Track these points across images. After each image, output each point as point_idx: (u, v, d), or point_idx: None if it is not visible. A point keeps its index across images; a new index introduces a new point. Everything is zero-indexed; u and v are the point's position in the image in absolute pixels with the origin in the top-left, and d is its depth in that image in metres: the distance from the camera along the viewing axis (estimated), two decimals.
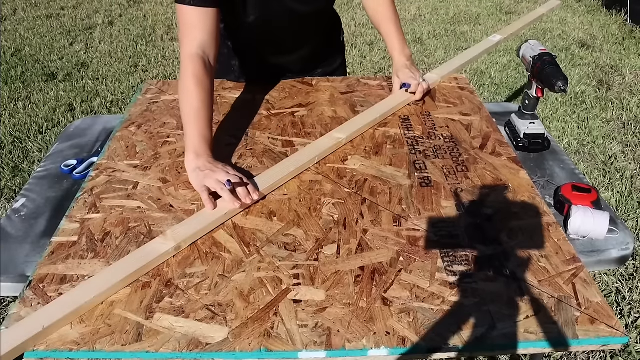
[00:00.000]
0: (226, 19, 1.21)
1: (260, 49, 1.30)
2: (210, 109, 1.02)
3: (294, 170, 1.00)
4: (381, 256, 0.82)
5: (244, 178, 0.93)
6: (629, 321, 1.61)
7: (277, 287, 0.77)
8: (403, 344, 0.69)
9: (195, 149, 0.96)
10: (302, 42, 1.31)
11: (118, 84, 3.14)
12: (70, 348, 0.68)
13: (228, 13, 1.14)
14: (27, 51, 3.60)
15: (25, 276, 0.85)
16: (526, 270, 0.80)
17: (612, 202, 2.10)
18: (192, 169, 0.95)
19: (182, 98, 1.01)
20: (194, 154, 0.96)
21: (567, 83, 1.04)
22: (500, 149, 1.09)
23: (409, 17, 4.24)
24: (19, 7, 4.49)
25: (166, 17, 4.27)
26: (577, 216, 0.91)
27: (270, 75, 1.36)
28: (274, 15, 1.17)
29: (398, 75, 1.26)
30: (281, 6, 1.16)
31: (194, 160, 0.95)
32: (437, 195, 0.96)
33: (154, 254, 0.81)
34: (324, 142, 1.08)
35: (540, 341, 0.69)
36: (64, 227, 0.89)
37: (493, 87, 3.06)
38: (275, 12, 1.16)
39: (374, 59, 3.47)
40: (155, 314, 0.73)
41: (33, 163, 2.37)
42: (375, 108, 1.21)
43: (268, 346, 0.68)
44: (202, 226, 0.86)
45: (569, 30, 3.89)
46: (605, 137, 2.55)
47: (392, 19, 1.28)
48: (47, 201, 1.03)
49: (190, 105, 0.99)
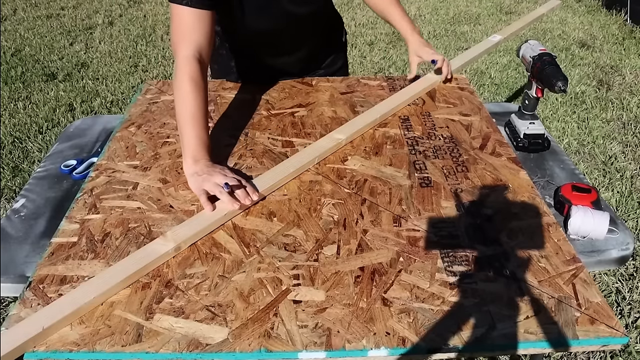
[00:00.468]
0: (223, 22, 1.21)
1: (257, 51, 1.30)
2: (206, 112, 1.01)
3: (294, 171, 1.00)
4: (381, 256, 0.82)
5: (242, 180, 0.93)
6: (629, 321, 1.61)
7: (277, 288, 0.77)
8: (403, 344, 0.69)
9: (193, 153, 0.96)
10: (300, 43, 1.30)
11: (118, 84, 3.14)
12: (70, 349, 0.68)
13: (225, 15, 1.14)
14: (27, 51, 3.60)
15: (25, 277, 0.85)
16: (526, 271, 0.80)
17: (612, 202, 2.10)
18: (191, 173, 0.95)
19: (178, 101, 1.00)
20: (192, 158, 0.95)
21: (567, 83, 1.04)
22: (500, 149, 1.09)
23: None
24: (19, 7, 4.49)
25: (166, 17, 4.26)
26: (577, 216, 0.91)
27: (269, 77, 1.36)
28: (271, 18, 1.17)
29: (419, 54, 1.28)
30: (278, 9, 1.15)
31: (192, 165, 0.95)
32: (437, 195, 0.96)
33: (154, 255, 0.81)
34: (323, 143, 1.08)
35: (540, 341, 0.69)
36: (63, 228, 0.89)
37: (493, 87, 3.06)
38: (272, 14, 1.16)
39: (374, 59, 3.47)
40: (155, 314, 0.73)
41: (33, 163, 2.37)
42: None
43: (268, 347, 0.68)
44: (202, 227, 0.86)
45: (569, 30, 3.89)
46: (605, 137, 2.55)
47: (394, 2, 1.30)
48: (47, 201, 1.03)
49: (188, 109, 0.98)
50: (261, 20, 1.16)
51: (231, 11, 1.13)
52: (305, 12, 1.20)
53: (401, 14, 1.30)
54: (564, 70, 1.18)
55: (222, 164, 0.99)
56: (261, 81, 1.35)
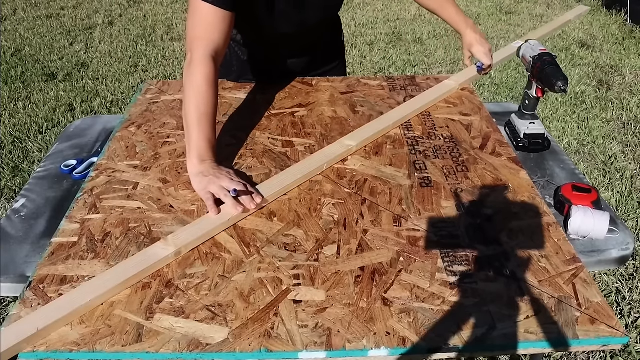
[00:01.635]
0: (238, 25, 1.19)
1: (266, 55, 1.30)
2: (216, 114, 1.01)
3: (302, 177, 0.99)
4: (381, 256, 0.82)
5: (248, 185, 0.93)
6: (629, 321, 1.61)
7: (277, 288, 0.77)
8: (403, 344, 0.69)
9: (199, 153, 0.95)
10: (308, 48, 1.31)
11: (118, 84, 3.14)
12: (71, 349, 0.68)
13: (242, 19, 1.10)
14: (27, 51, 3.60)
15: (25, 276, 0.85)
16: (526, 271, 0.80)
17: (612, 202, 2.10)
18: (195, 173, 0.94)
19: (190, 99, 0.98)
20: (198, 158, 0.95)
21: (567, 83, 1.04)
22: (500, 149, 1.09)
23: (409, 17, 4.24)
24: (19, 7, 4.48)
25: (166, 17, 4.26)
26: (577, 216, 0.91)
27: (269, 77, 1.36)
28: (292, 25, 1.16)
29: (471, 50, 1.31)
30: (295, 18, 1.14)
31: (198, 165, 0.94)
32: (437, 195, 0.96)
33: (154, 259, 0.80)
34: (333, 149, 1.06)
35: (540, 341, 0.69)
36: (64, 228, 0.89)
37: (493, 87, 3.06)
38: (288, 24, 1.15)
39: (374, 59, 3.47)
40: (156, 314, 0.73)
41: (33, 163, 2.37)
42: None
43: (268, 346, 0.68)
44: (204, 232, 0.86)
45: (569, 30, 3.89)
46: (605, 137, 2.55)
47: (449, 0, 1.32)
48: (47, 201, 1.03)
49: (200, 108, 0.97)
50: (283, 25, 1.15)
51: (252, 15, 1.11)
52: (319, 20, 1.20)
53: (456, 10, 1.31)
54: (564, 70, 1.18)
55: (224, 164, 0.99)
56: (261, 81, 1.35)
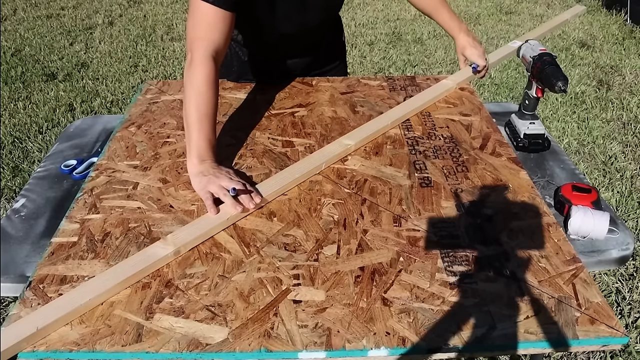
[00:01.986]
0: (239, 25, 1.19)
1: (266, 55, 1.30)
2: (216, 114, 1.01)
3: (301, 176, 0.99)
4: (381, 256, 0.82)
5: (247, 185, 0.93)
6: (629, 321, 1.61)
7: (277, 288, 0.77)
8: (403, 344, 0.69)
9: (199, 153, 0.95)
10: (309, 48, 1.31)
11: (118, 84, 3.14)
12: (70, 349, 0.68)
13: (243, 19, 1.11)
14: (27, 51, 3.60)
15: (25, 276, 0.85)
16: (526, 271, 0.80)
17: (612, 202, 2.10)
18: (195, 173, 0.94)
19: (191, 99, 0.98)
20: (198, 158, 0.95)
21: (567, 83, 1.04)
22: (500, 149, 1.09)
23: (409, 17, 4.24)
24: (19, 7, 4.48)
25: (166, 17, 4.26)
26: (577, 216, 0.91)
27: (269, 77, 1.36)
28: (294, 25, 1.16)
29: (464, 53, 1.32)
30: (295, 19, 1.14)
31: (198, 164, 0.94)
32: (437, 195, 0.96)
33: (153, 258, 0.80)
34: (332, 149, 1.07)
35: (540, 341, 0.69)
36: (63, 228, 0.89)
37: (493, 87, 3.06)
38: (289, 24, 1.15)
39: (374, 59, 3.47)
40: (155, 314, 0.73)
41: (33, 163, 2.37)
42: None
43: (268, 346, 0.68)
44: (203, 231, 0.86)
45: (569, 30, 3.89)
46: (605, 137, 2.55)
47: (443, 3, 1.32)
48: (47, 201, 1.03)
49: (200, 108, 0.97)
50: (283, 26, 1.15)
51: (252, 15, 1.11)
52: (320, 21, 1.20)
53: (450, 14, 1.31)
54: (564, 70, 1.18)
55: (224, 164, 0.99)
56: (261, 81, 1.35)
